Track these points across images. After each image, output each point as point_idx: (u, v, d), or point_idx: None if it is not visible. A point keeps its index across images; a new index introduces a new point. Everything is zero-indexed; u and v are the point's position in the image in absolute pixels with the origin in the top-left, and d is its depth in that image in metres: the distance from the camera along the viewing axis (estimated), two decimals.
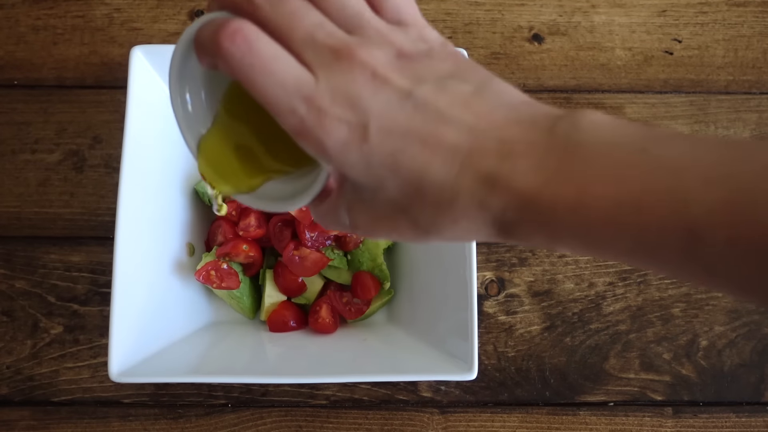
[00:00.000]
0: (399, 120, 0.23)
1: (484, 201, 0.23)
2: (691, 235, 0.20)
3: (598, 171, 0.21)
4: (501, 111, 0.24)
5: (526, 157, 0.22)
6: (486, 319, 0.58)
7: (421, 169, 0.23)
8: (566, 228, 0.22)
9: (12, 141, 0.60)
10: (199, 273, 0.51)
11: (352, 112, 0.23)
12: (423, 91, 0.24)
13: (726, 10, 0.65)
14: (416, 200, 0.24)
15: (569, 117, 0.23)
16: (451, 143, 0.23)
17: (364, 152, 0.24)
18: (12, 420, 0.54)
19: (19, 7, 0.62)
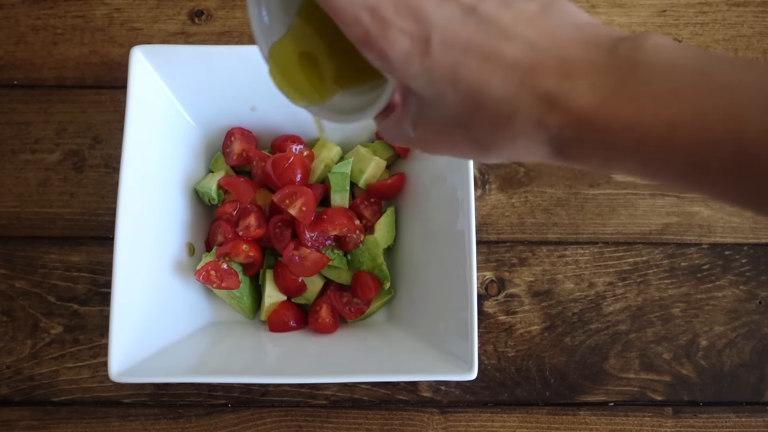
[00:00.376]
0: (461, 34, 0.24)
1: (542, 119, 0.23)
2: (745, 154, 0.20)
3: (656, 91, 0.21)
4: (564, 30, 0.24)
5: (585, 76, 0.22)
6: (486, 319, 0.58)
7: (481, 83, 0.24)
8: (622, 148, 0.22)
9: (12, 141, 0.60)
10: (199, 273, 0.51)
11: (415, 23, 0.24)
12: (487, 7, 0.24)
13: (726, 10, 0.65)
14: (475, 115, 0.24)
15: (633, 39, 0.23)
16: (512, 59, 0.23)
17: (426, 64, 0.24)
18: (12, 420, 0.54)
19: (19, 7, 0.62)
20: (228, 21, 0.63)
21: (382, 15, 0.24)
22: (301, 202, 0.52)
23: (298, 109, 0.32)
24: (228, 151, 0.57)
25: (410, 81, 0.25)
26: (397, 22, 0.24)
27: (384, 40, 0.24)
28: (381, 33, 0.24)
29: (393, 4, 0.24)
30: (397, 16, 0.24)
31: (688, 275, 0.59)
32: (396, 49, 0.24)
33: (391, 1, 0.24)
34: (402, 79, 0.25)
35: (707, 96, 0.21)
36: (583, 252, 0.59)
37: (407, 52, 0.24)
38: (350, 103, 0.29)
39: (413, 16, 0.24)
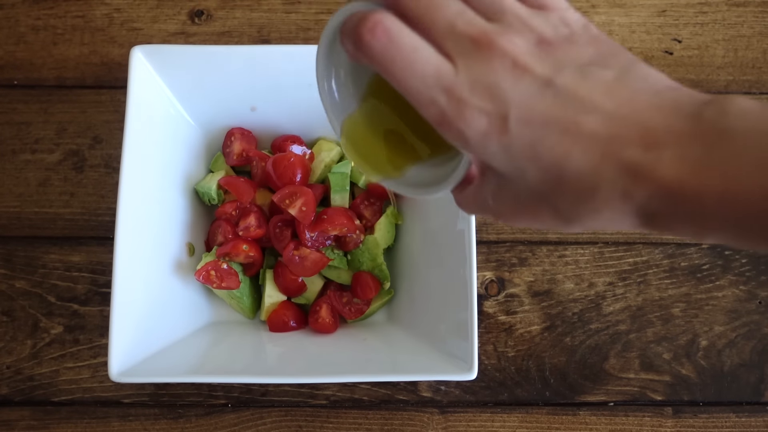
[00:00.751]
0: (539, 109, 0.23)
1: (627, 191, 0.23)
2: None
3: (748, 161, 0.21)
4: (644, 97, 0.23)
5: (671, 145, 0.22)
6: (486, 319, 0.58)
7: (561, 158, 0.23)
8: (714, 219, 0.22)
9: (12, 141, 0.60)
10: (199, 273, 0.51)
11: (491, 102, 0.23)
12: (563, 79, 0.23)
13: (726, 10, 0.65)
14: (557, 189, 0.24)
15: (717, 103, 0.22)
16: (592, 131, 0.23)
17: (504, 142, 0.24)
18: (12, 420, 0.54)
19: (19, 7, 0.62)
20: (228, 21, 0.63)
21: (457, 95, 0.23)
22: (301, 202, 0.52)
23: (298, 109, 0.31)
24: (228, 151, 0.57)
25: (489, 159, 0.25)
26: (473, 101, 0.23)
27: (461, 120, 0.24)
28: (457, 113, 0.24)
29: (468, 83, 0.23)
30: (473, 95, 0.23)
31: (688, 275, 0.59)
32: (473, 129, 0.24)
33: (467, 80, 0.23)
34: (480, 157, 0.25)
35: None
36: (583, 252, 0.59)
37: (485, 131, 0.24)
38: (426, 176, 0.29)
39: (489, 95, 0.23)
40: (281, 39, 0.63)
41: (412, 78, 0.24)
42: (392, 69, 0.24)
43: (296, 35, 0.63)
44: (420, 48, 0.24)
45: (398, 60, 0.24)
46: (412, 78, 0.24)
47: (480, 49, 0.24)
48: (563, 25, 0.25)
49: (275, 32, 0.63)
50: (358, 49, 0.24)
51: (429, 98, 0.24)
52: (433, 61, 0.24)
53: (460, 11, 0.24)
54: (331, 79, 0.29)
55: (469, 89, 0.23)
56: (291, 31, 0.63)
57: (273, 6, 0.63)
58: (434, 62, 0.24)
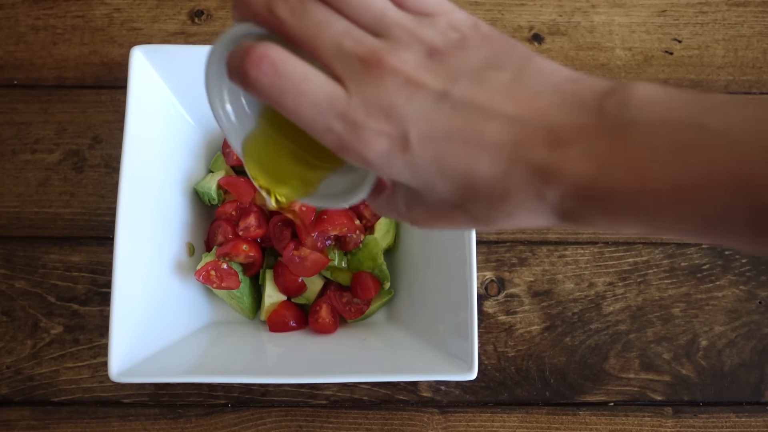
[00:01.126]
0: (438, 123, 0.23)
1: (539, 192, 0.22)
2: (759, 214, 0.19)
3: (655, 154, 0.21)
4: (544, 95, 0.23)
5: (576, 143, 0.22)
6: (486, 319, 0.58)
7: (468, 169, 0.23)
8: (627, 212, 0.22)
9: (12, 141, 0.60)
10: (199, 273, 0.51)
11: (388, 123, 0.23)
12: (459, 89, 0.23)
13: (726, 10, 0.65)
14: (468, 197, 0.24)
15: (617, 94, 0.22)
16: (495, 139, 0.22)
17: (408, 160, 0.23)
18: (12, 420, 0.54)
19: (19, 7, 0.62)
20: (228, 21, 0.63)
21: (353, 119, 0.23)
22: None
23: None
24: (228, 151, 0.57)
25: (395, 176, 0.24)
26: (370, 124, 0.23)
27: (360, 145, 0.23)
28: (356, 138, 0.23)
29: (363, 106, 0.23)
30: (369, 118, 0.23)
31: (688, 275, 0.59)
32: (374, 152, 0.23)
33: (361, 103, 0.23)
34: (386, 176, 0.24)
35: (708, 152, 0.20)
36: (583, 252, 0.59)
37: (386, 151, 0.23)
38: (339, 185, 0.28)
39: (386, 115, 0.23)
40: None
41: (305, 107, 0.23)
42: (283, 102, 0.23)
43: None
44: (309, 76, 0.23)
45: (288, 92, 0.23)
46: (305, 107, 0.23)
47: (370, 69, 0.23)
48: (452, 30, 0.25)
49: None
50: (246, 85, 0.23)
51: (325, 127, 0.23)
52: (324, 88, 0.23)
53: (346, 30, 0.23)
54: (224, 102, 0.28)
55: (365, 112, 0.23)
56: None
57: None
58: (325, 89, 0.23)
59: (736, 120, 0.20)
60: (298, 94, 0.23)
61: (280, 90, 0.23)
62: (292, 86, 0.23)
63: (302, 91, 0.23)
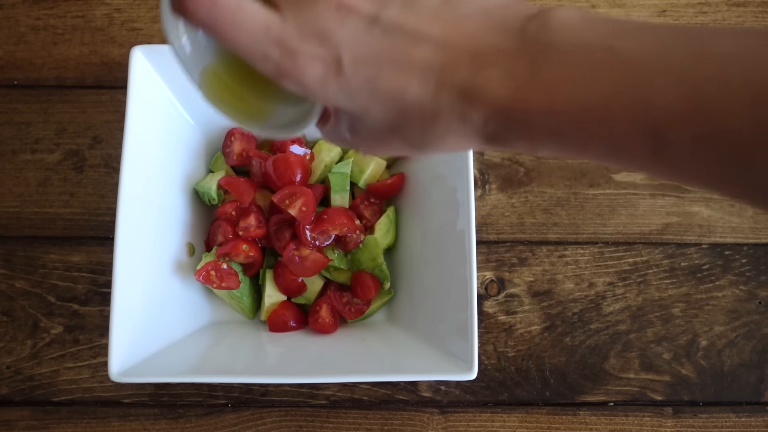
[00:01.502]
0: (369, 47, 0.23)
1: (465, 114, 0.23)
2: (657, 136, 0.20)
3: (566, 74, 0.21)
4: (472, 19, 0.23)
5: (497, 65, 0.22)
6: (486, 319, 0.58)
7: (398, 91, 0.24)
8: (542, 133, 0.22)
9: (12, 141, 0.60)
10: (199, 273, 0.51)
11: (322, 47, 0.23)
12: (389, 13, 0.24)
13: (726, 10, 0.65)
14: (401, 121, 0.25)
15: (539, 17, 0.23)
16: (423, 62, 0.23)
17: (342, 84, 0.24)
18: (12, 420, 0.54)
19: (19, 7, 0.62)
20: None
21: (288, 45, 0.23)
22: (301, 202, 0.52)
23: None
24: (228, 151, 0.57)
25: (332, 101, 0.25)
26: (305, 49, 0.23)
27: (296, 70, 0.24)
28: (292, 63, 0.24)
29: (297, 32, 0.23)
30: (303, 43, 0.23)
31: (688, 275, 0.59)
32: (310, 76, 0.24)
33: (295, 29, 0.23)
34: (324, 101, 0.25)
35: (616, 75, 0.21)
36: (583, 252, 0.59)
37: (321, 76, 0.24)
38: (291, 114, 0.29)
39: (319, 40, 0.23)
40: None
41: (242, 36, 0.23)
42: (221, 31, 0.24)
43: None
44: (244, 5, 0.23)
45: (225, 21, 0.23)
46: (242, 36, 0.23)
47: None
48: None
49: None
50: (186, 16, 0.24)
51: (262, 54, 0.24)
52: (260, 16, 0.23)
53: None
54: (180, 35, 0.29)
55: (299, 38, 0.23)
56: None
57: None
58: (261, 17, 0.23)
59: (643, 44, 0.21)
60: (234, 24, 0.23)
61: (217, 20, 0.23)
62: (228, 16, 0.23)
63: (238, 20, 0.23)
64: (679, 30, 0.21)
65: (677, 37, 0.21)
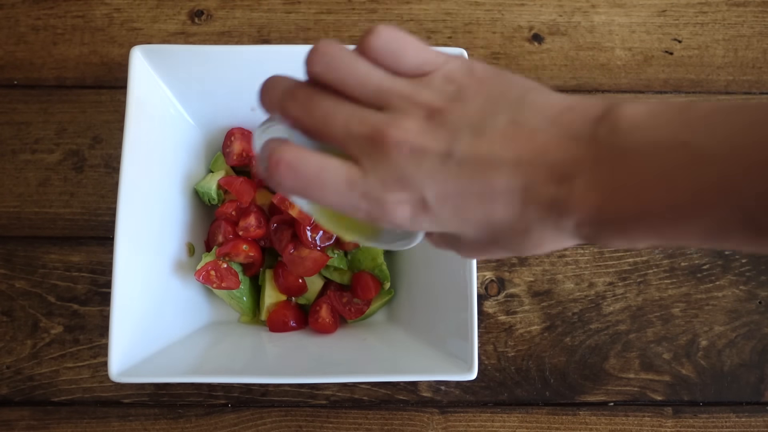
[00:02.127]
0: (449, 182, 0.25)
1: (557, 224, 0.24)
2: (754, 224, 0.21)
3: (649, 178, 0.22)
4: (542, 132, 0.24)
5: (578, 176, 0.23)
6: (486, 319, 0.58)
7: (487, 217, 0.25)
8: (637, 231, 0.23)
9: (12, 141, 0.60)
10: (199, 273, 0.51)
11: (405, 192, 0.25)
12: (461, 147, 0.24)
13: (726, 10, 0.65)
14: (496, 238, 0.26)
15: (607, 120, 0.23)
16: (504, 186, 0.24)
17: (432, 219, 0.25)
18: (12, 420, 0.54)
19: (19, 7, 0.62)
20: (228, 21, 0.63)
21: (374, 196, 0.25)
22: None
23: None
24: (228, 151, 0.57)
25: (428, 230, 0.27)
26: (390, 197, 0.25)
27: (387, 215, 0.25)
28: (381, 211, 0.25)
29: (379, 182, 0.25)
30: (387, 192, 0.25)
31: (688, 275, 0.59)
32: (400, 218, 0.25)
33: (376, 180, 0.25)
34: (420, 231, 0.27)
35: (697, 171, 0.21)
36: (583, 252, 0.59)
37: (411, 216, 0.25)
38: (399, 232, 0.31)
39: (401, 186, 0.25)
40: (281, 39, 0.63)
41: (329, 196, 0.25)
42: (310, 195, 0.25)
43: (296, 35, 0.63)
44: (325, 166, 0.25)
45: (310, 186, 0.25)
46: (329, 196, 0.25)
47: (376, 146, 0.25)
48: (447, 83, 0.26)
49: (275, 32, 0.63)
50: (275, 187, 0.25)
51: (351, 207, 0.25)
52: (341, 173, 0.25)
53: (351, 114, 0.25)
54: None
55: (382, 187, 0.25)
56: (291, 31, 0.63)
57: (273, 6, 0.63)
58: (342, 174, 0.25)
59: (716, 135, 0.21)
60: (319, 186, 0.25)
61: (303, 186, 0.25)
62: (312, 180, 0.25)
63: (322, 182, 0.25)
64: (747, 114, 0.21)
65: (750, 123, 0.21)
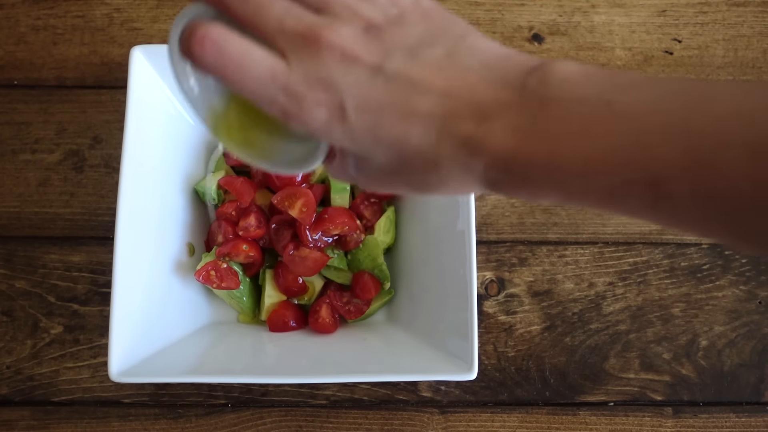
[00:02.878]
0: (372, 95, 0.24)
1: (467, 163, 0.24)
2: (656, 188, 0.21)
3: (566, 128, 0.22)
4: (474, 72, 0.24)
5: (498, 118, 0.23)
6: (486, 319, 0.58)
7: (401, 139, 0.25)
8: (543, 183, 0.23)
9: (12, 141, 0.60)
10: (199, 273, 0.51)
11: (326, 93, 0.24)
12: (393, 64, 0.24)
13: (726, 10, 0.65)
14: (404, 166, 0.26)
15: (539, 72, 0.23)
16: (426, 111, 0.24)
17: (346, 129, 0.25)
18: (12, 420, 0.54)
19: (19, 7, 0.62)
20: None
21: (294, 91, 0.24)
22: (300, 203, 0.52)
23: None
24: (228, 151, 0.57)
25: (337, 143, 0.26)
26: (310, 94, 0.24)
27: (302, 114, 0.25)
28: (298, 108, 0.25)
29: (303, 78, 0.24)
30: (309, 89, 0.24)
31: (688, 275, 0.59)
32: (315, 120, 0.25)
33: (301, 76, 0.24)
34: (329, 141, 0.26)
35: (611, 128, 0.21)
36: (583, 252, 0.59)
37: (326, 120, 0.25)
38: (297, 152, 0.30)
39: (324, 87, 0.24)
40: None
41: (249, 81, 0.24)
42: (227, 76, 0.24)
43: None
44: (251, 52, 0.24)
45: (231, 67, 0.24)
46: (249, 81, 0.24)
47: (309, 44, 0.24)
48: (392, 6, 0.26)
49: None
50: (194, 61, 0.25)
51: (268, 98, 0.25)
52: (266, 62, 0.24)
53: (286, 9, 0.25)
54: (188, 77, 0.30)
55: (305, 84, 0.24)
56: None
57: None
58: (267, 63, 0.24)
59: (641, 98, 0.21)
60: (241, 69, 0.24)
61: (224, 66, 0.24)
62: (235, 62, 0.24)
63: (245, 65, 0.24)
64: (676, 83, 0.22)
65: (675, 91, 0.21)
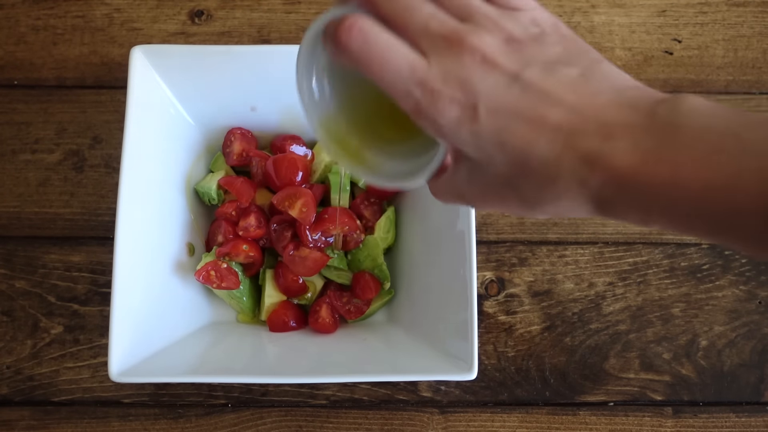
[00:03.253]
0: (506, 100, 0.25)
1: (585, 179, 0.25)
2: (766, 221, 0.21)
3: (692, 154, 0.23)
4: (605, 95, 0.25)
5: (624, 138, 0.24)
6: (486, 319, 0.58)
7: (526, 146, 0.25)
8: (658, 206, 0.24)
9: (12, 141, 0.60)
10: (199, 273, 0.51)
11: (462, 93, 0.25)
12: (530, 74, 0.25)
13: (726, 10, 0.65)
14: (522, 175, 0.26)
15: (670, 101, 0.24)
16: (555, 123, 0.25)
17: (474, 130, 0.26)
18: (12, 420, 0.54)
19: (19, 7, 0.62)
20: (228, 21, 0.63)
21: (431, 87, 0.25)
22: (300, 203, 0.52)
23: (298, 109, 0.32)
24: (228, 151, 0.57)
25: (461, 145, 0.27)
26: (446, 92, 0.25)
27: (435, 110, 0.26)
28: (431, 103, 0.25)
29: (441, 76, 0.25)
30: (445, 86, 0.25)
31: (688, 275, 0.59)
32: (446, 117, 0.26)
33: (439, 73, 0.25)
34: (453, 144, 0.27)
35: (739, 159, 0.22)
36: (583, 252, 0.59)
37: (457, 119, 0.25)
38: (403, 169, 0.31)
39: (461, 86, 0.25)
40: (281, 39, 0.63)
41: (388, 73, 0.26)
42: (369, 65, 0.26)
43: (296, 35, 0.63)
44: (394, 45, 0.26)
45: (374, 57, 0.26)
46: (388, 73, 0.26)
47: (451, 46, 0.25)
48: (533, 25, 0.27)
49: (275, 32, 0.63)
50: (338, 48, 0.26)
51: (405, 90, 0.26)
52: (407, 57, 0.25)
53: (432, 13, 0.26)
54: (311, 79, 0.31)
55: (442, 81, 0.25)
56: (291, 31, 0.63)
57: (273, 6, 0.63)
58: (408, 58, 0.25)
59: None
60: (383, 61, 0.26)
61: (368, 55, 0.26)
62: (378, 52, 0.26)
63: (387, 57, 0.26)
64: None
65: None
